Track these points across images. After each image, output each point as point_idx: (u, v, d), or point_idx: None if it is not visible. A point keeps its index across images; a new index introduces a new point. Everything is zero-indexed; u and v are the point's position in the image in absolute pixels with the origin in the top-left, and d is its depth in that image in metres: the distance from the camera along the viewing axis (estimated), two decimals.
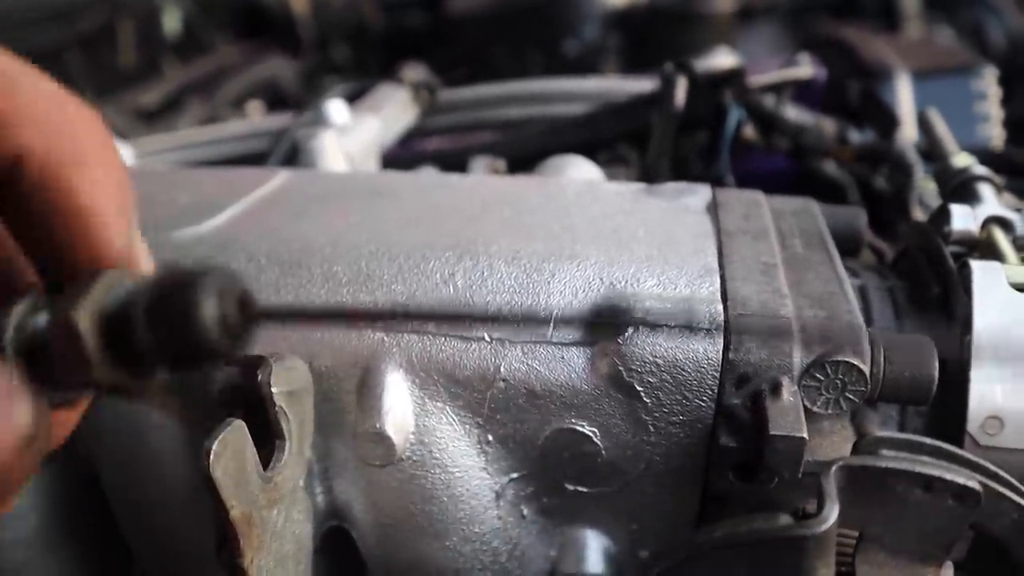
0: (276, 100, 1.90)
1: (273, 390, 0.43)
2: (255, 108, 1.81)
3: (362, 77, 2.20)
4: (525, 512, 0.50)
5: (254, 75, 1.89)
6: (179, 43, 1.94)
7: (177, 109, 1.77)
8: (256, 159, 0.96)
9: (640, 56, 2.03)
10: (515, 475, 0.49)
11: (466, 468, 0.48)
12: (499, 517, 0.50)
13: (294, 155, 0.89)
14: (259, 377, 0.43)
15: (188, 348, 0.24)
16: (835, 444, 0.46)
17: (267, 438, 0.44)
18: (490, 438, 0.48)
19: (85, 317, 0.24)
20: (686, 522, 0.48)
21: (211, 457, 0.39)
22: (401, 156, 0.93)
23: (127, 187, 0.31)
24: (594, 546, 0.51)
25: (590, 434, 0.47)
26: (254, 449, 0.42)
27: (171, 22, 1.94)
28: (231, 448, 0.40)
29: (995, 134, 0.90)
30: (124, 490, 0.57)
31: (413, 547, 0.50)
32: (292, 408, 0.45)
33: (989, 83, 0.92)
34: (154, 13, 1.87)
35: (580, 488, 0.49)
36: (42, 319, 0.26)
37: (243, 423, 0.41)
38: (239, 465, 0.41)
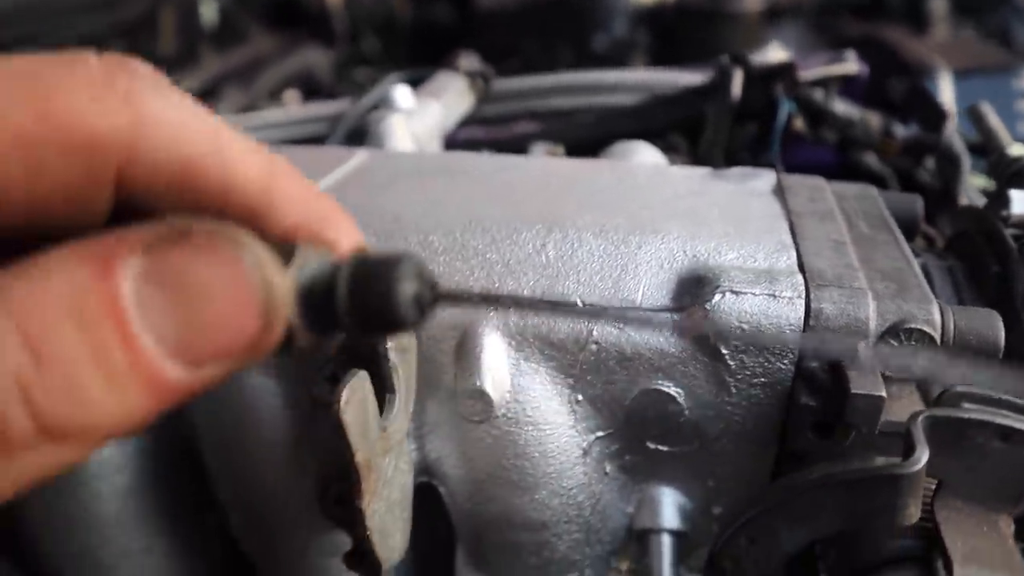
0: (311, 90, 1.94)
1: (388, 346, 0.47)
2: (292, 97, 1.85)
3: (391, 69, 2.24)
4: (608, 469, 0.54)
5: (290, 65, 1.93)
6: (216, 33, 1.98)
7: (215, 97, 1.81)
8: (311, 143, 0.99)
9: (667, 53, 2.07)
10: (601, 433, 0.52)
11: (556, 425, 0.52)
12: (585, 473, 0.53)
13: (355, 139, 0.93)
14: None
15: (382, 319, 0.27)
16: (903, 407, 0.49)
17: (379, 391, 0.48)
18: (580, 398, 0.51)
19: (287, 279, 0.27)
20: (761, 480, 0.52)
21: (342, 402, 0.42)
22: (457, 142, 0.96)
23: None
24: (670, 502, 0.54)
25: (675, 394, 0.50)
26: (374, 399, 0.45)
27: (209, 12, 1.98)
28: (357, 396, 0.43)
29: None
30: (221, 447, 0.60)
31: (504, 501, 0.53)
32: (401, 364, 0.49)
33: None
34: (193, 3, 1.91)
35: (661, 447, 0.52)
36: None
37: (366, 373, 0.44)
38: (363, 412, 0.44)
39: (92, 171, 0.25)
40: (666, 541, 0.53)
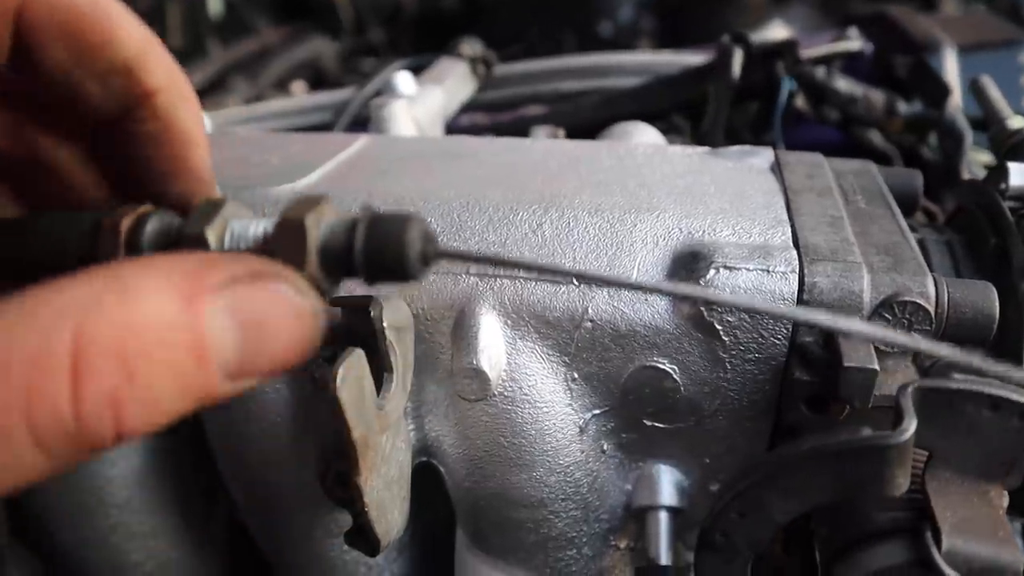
0: (318, 81, 1.94)
1: (384, 324, 0.47)
2: (299, 88, 1.85)
3: (398, 59, 2.25)
4: (605, 447, 0.54)
5: (297, 55, 1.93)
6: (222, 24, 1.99)
7: (223, 89, 1.82)
8: (318, 130, 1.00)
9: (673, 37, 2.05)
10: (597, 411, 0.53)
11: (553, 403, 0.52)
12: (582, 451, 0.53)
13: (359, 126, 0.94)
14: (372, 313, 0.47)
15: (393, 271, 0.31)
16: (899, 380, 0.49)
17: (376, 370, 0.48)
18: (576, 376, 0.52)
19: (312, 222, 0.31)
20: (758, 455, 0.52)
21: (338, 380, 0.43)
22: (459, 127, 0.96)
23: (205, 126, 0.39)
24: (667, 480, 0.55)
25: (670, 371, 0.50)
26: (371, 378, 0.46)
27: (215, 4, 1.98)
28: (353, 374, 0.44)
29: None
30: (225, 429, 0.61)
31: (501, 478, 0.54)
32: (398, 343, 0.49)
33: None
34: None
35: (657, 424, 0.53)
36: (240, 225, 0.33)
37: (363, 352, 0.45)
38: (359, 390, 0.45)
39: None
40: (663, 518, 0.54)
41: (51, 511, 0.68)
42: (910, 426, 0.36)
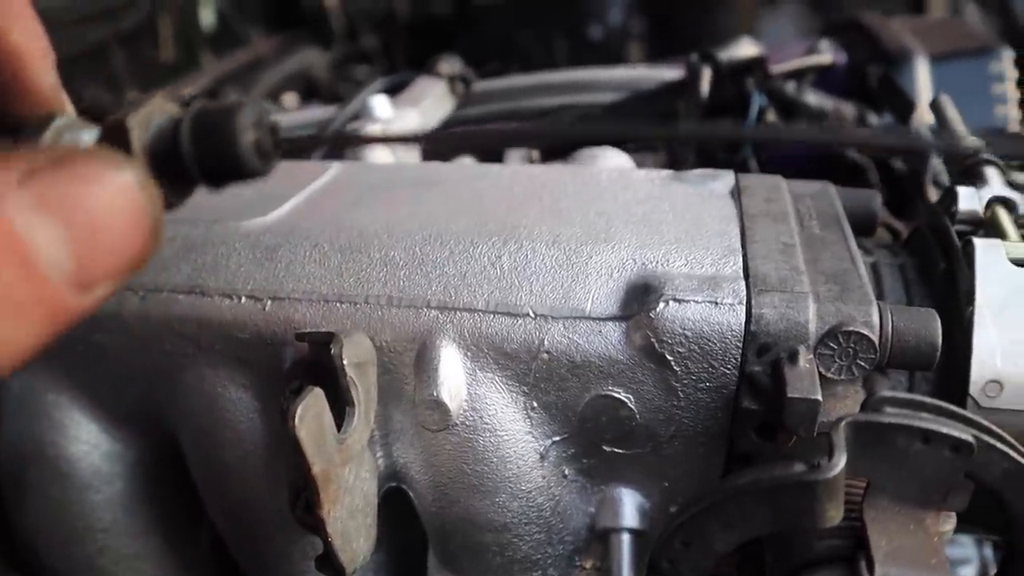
0: (310, 91, 1.96)
1: (344, 362, 0.49)
2: (290, 100, 1.87)
3: (391, 66, 2.26)
4: (567, 472, 0.56)
5: (288, 67, 1.95)
6: (215, 36, 2.00)
7: (215, 100, 1.83)
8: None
9: (664, 40, 2.07)
10: (557, 438, 0.54)
11: (513, 432, 0.54)
12: (543, 476, 0.55)
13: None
14: (332, 350, 0.48)
15: (226, 164, 0.28)
16: (848, 406, 0.50)
17: (337, 405, 0.50)
18: (535, 404, 0.53)
19: (135, 123, 0.28)
20: (713, 480, 0.53)
21: (296, 420, 0.44)
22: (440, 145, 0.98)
23: (46, 39, 0.35)
24: (629, 503, 0.56)
25: (625, 400, 0.52)
26: (330, 414, 0.47)
27: (207, 16, 2.00)
28: (312, 412, 0.46)
29: (1012, 115, 0.93)
30: (203, 456, 0.63)
31: (466, 504, 0.55)
32: (359, 378, 0.51)
33: (1006, 65, 0.95)
34: (191, 8, 1.93)
35: (616, 450, 0.54)
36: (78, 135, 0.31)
37: (321, 390, 0.46)
38: (318, 427, 0.46)
39: None
40: (626, 540, 0.55)
41: (40, 536, 0.70)
42: (839, 462, 0.38)
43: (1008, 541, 0.45)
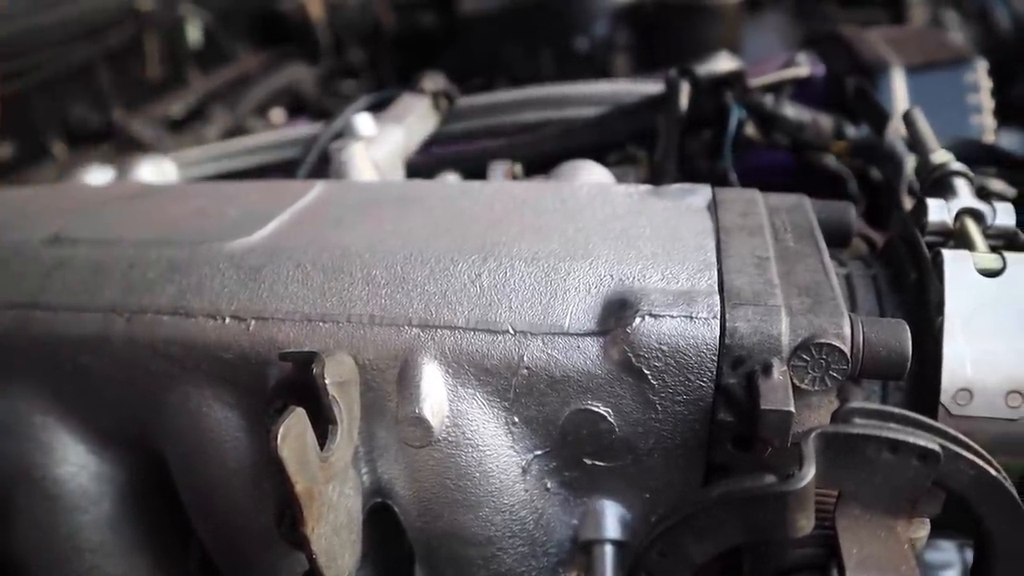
0: (297, 106, 1.97)
1: (326, 381, 0.50)
2: (278, 115, 1.88)
3: (378, 80, 2.27)
4: (549, 485, 0.56)
5: (275, 82, 1.96)
6: (201, 53, 2.01)
7: (203, 118, 1.84)
8: (286, 166, 1.03)
9: (649, 51, 2.08)
10: (539, 452, 0.55)
11: (495, 447, 0.54)
12: (526, 490, 0.56)
13: (324, 163, 0.96)
14: (315, 370, 0.49)
15: None
16: (822, 417, 0.51)
17: (320, 423, 0.51)
18: (516, 419, 0.54)
19: None
20: (693, 490, 0.54)
21: (278, 440, 0.45)
22: (423, 162, 0.99)
23: None
24: (611, 514, 0.57)
25: (604, 414, 0.53)
26: (313, 433, 0.48)
27: (194, 33, 2.01)
28: (294, 432, 0.46)
29: (987, 124, 0.95)
30: (189, 476, 0.63)
31: (450, 518, 0.56)
32: (342, 396, 0.51)
33: (981, 75, 0.96)
34: (178, 26, 1.94)
35: (597, 462, 0.55)
36: None
37: (303, 410, 0.47)
38: (301, 446, 0.47)
39: None
40: (609, 551, 0.56)
41: (28, 557, 0.71)
42: (808, 473, 0.39)
43: (978, 544, 0.46)
